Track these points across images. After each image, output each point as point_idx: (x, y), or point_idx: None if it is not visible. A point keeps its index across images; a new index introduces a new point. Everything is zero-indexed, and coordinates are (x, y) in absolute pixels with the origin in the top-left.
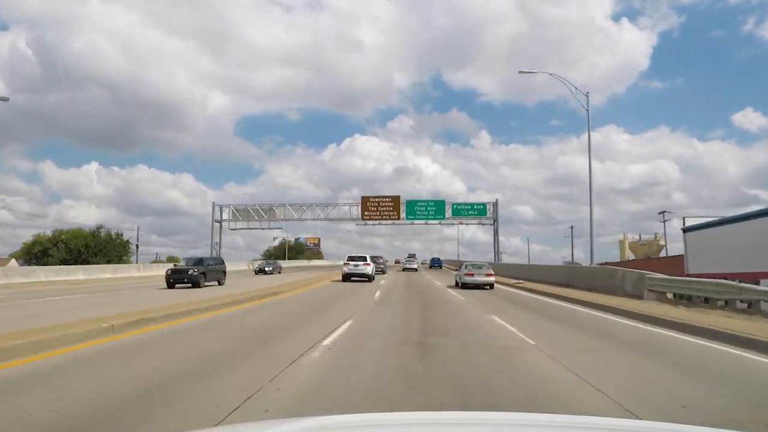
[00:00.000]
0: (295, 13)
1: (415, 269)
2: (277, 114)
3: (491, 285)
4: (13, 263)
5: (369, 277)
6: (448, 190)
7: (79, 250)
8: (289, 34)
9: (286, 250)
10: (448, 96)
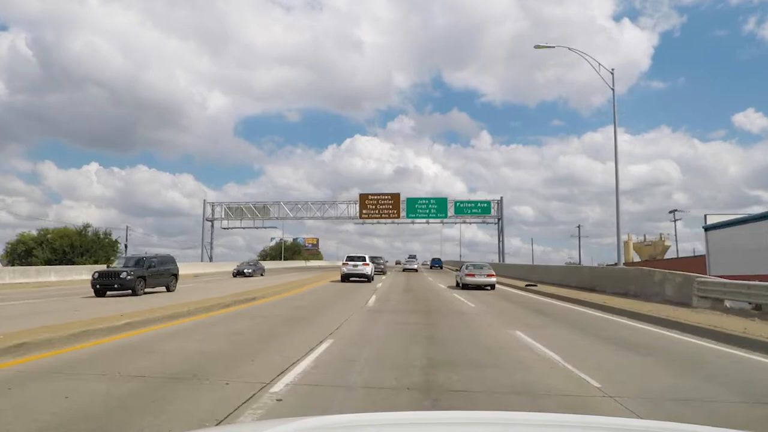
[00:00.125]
0: (295, 12)
1: (416, 269)
2: (277, 114)
3: (492, 286)
4: None
5: (368, 278)
6: (449, 191)
7: (64, 250)
8: (289, 34)
9: (282, 250)
10: (449, 96)
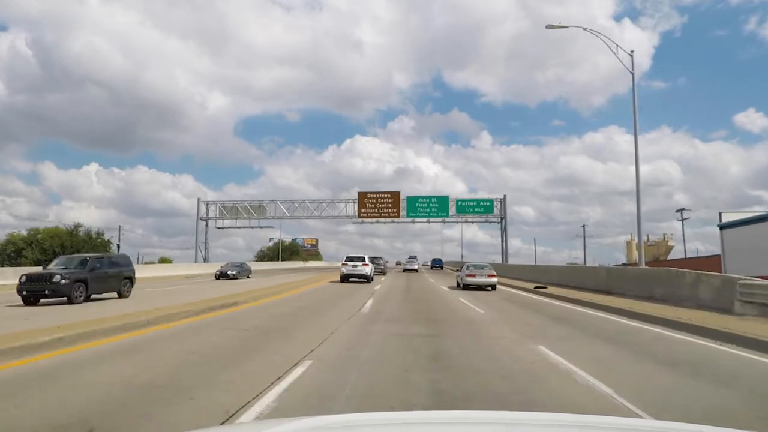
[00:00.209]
0: (295, 12)
1: (416, 270)
2: (277, 114)
3: (494, 286)
4: None
5: (367, 278)
6: (449, 191)
7: (54, 251)
8: (289, 34)
9: (280, 250)
10: (449, 96)
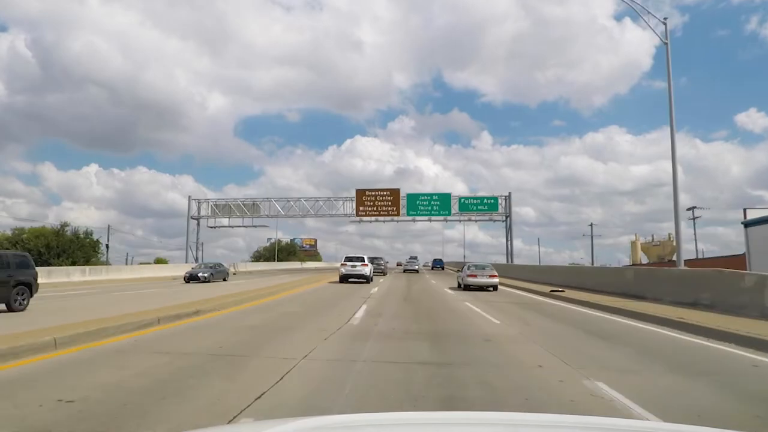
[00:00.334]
0: (295, 12)
1: (416, 270)
2: (277, 115)
3: (495, 287)
4: None
5: (367, 279)
6: (450, 192)
7: (40, 251)
8: (289, 34)
9: (276, 251)
10: (450, 96)
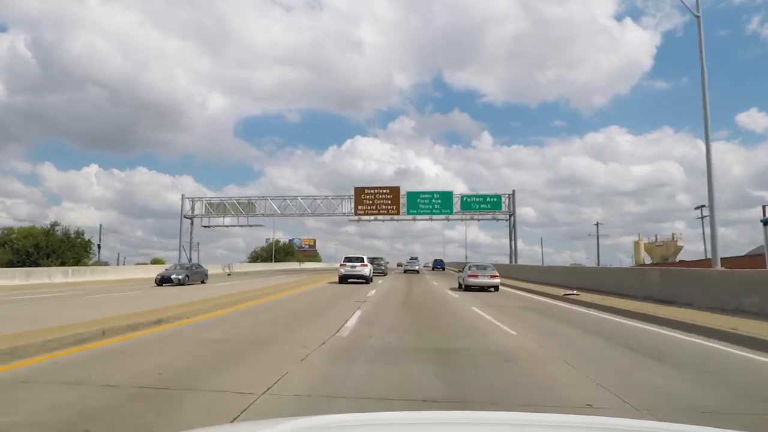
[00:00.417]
0: (295, 12)
1: (417, 271)
2: (277, 115)
3: (496, 287)
4: None
5: (366, 279)
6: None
7: (28, 251)
8: (289, 34)
9: (273, 251)
10: (450, 96)
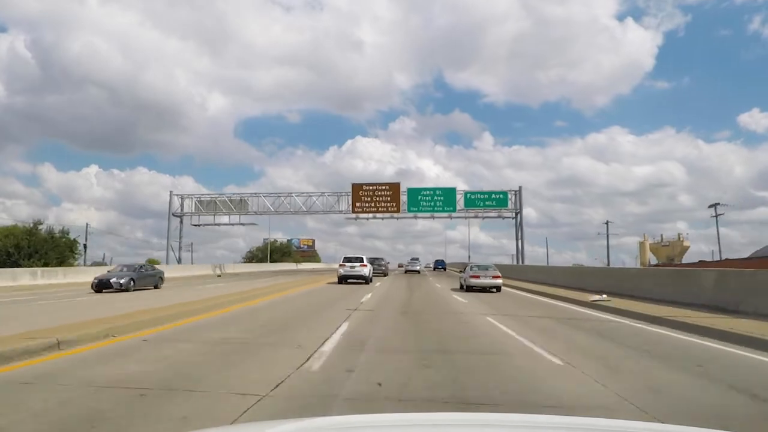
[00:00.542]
0: (295, 12)
1: (418, 271)
2: (278, 115)
3: (498, 288)
4: None
5: (366, 279)
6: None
7: (8, 251)
8: (289, 34)
9: (269, 251)
10: (451, 97)
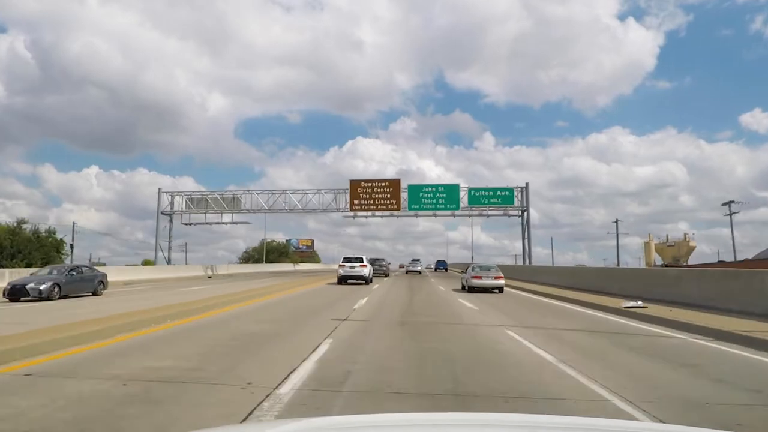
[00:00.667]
0: (295, 13)
1: (419, 272)
2: (278, 116)
3: (501, 289)
4: None
5: (366, 280)
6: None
7: None
8: (289, 35)
9: (264, 251)
10: (451, 97)
